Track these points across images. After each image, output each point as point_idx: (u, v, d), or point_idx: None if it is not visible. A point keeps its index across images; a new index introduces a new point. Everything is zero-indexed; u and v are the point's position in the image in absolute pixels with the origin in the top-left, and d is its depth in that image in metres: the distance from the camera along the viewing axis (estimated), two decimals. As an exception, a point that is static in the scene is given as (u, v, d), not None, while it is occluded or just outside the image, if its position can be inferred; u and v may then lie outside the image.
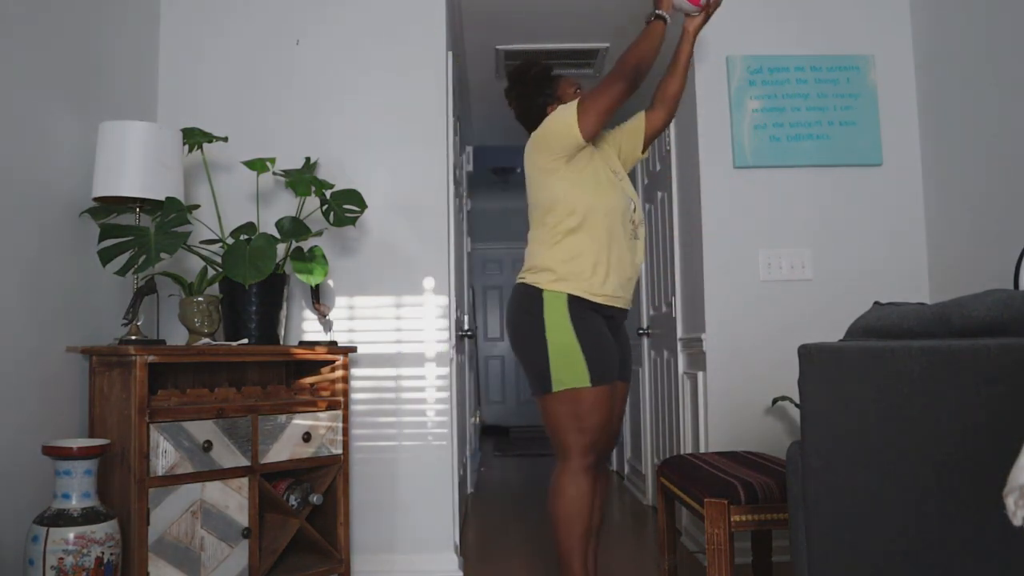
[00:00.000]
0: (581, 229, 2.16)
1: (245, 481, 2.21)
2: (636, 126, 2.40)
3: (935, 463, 1.19)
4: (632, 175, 4.47)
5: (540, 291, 2.15)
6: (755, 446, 2.94)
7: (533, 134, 2.27)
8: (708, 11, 2.36)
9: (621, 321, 2.29)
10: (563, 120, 2.16)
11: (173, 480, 2.07)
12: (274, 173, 2.69)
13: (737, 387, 2.96)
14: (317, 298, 2.66)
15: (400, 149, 2.90)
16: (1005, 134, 2.53)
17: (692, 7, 2.33)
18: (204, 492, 2.13)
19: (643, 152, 2.43)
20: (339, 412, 2.48)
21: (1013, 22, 2.47)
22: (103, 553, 1.85)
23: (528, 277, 2.20)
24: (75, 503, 1.86)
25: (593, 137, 2.18)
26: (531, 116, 2.37)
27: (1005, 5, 2.50)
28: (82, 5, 2.32)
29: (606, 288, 2.16)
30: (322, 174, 2.81)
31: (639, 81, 2.13)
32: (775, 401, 2.88)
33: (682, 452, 3.26)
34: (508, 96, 2.42)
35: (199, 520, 2.11)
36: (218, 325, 2.46)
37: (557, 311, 2.12)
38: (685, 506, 2.28)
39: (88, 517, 1.85)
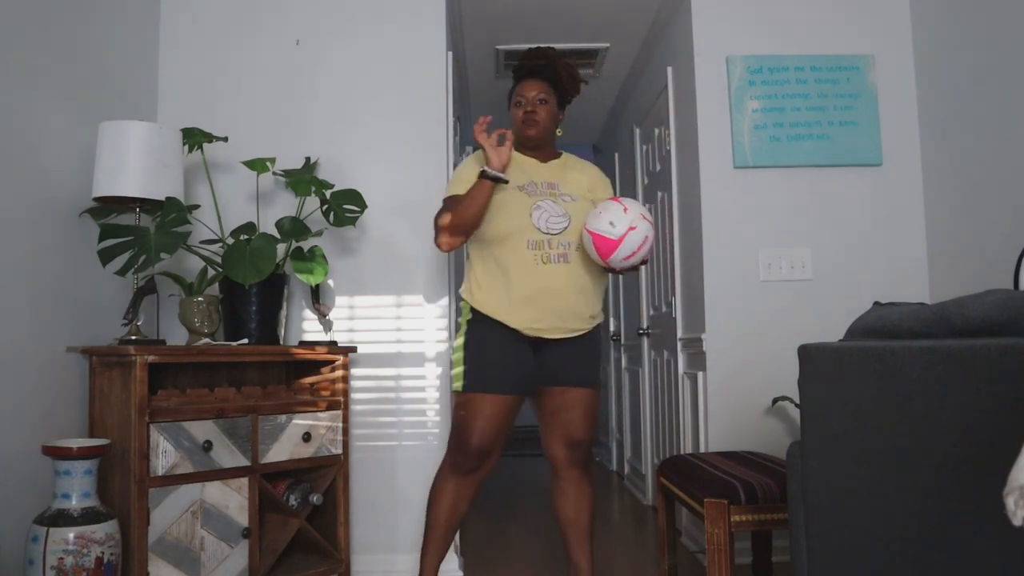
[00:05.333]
0: (481, 253, 2.24)
1: (245, 481, 2.21)
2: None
3: (935, 463, 1.19)
4: (632, 176, 4.47)
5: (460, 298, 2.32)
6: (755, 446, 2.94)
7: None
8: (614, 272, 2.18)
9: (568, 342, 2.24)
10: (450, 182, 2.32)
11: (173, 480, 2.07)
12: (274, 173, 2.69)
13: (737, 387, 2.96)
14: (317, 298, 2.66)
15: (400, 149, 2.90)
16: (1005, 134, 2.53)
17: (599, 260, 2.12)
18: (204, 492, 2.13)
19: None
20: (339, 412, 2.48)
21: (1013, 22, 2.47)
22: (103, 553, 1.85)
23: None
24: (75, 503, 1.86)
25: None
26: None
27: (1005, 5, 2.50)
28: (82, 5, 2.32)
29: (510, 315, 2.17)
30: (322, 174, 2.81)
31: (454, 234, 2.19)
32: (775, 401, 2.88)
33: (682, 452, 3.26)
34: None
35: (199, 520, 2.11)
36: (218, 325, 2.46)
37: (464, 319, 2.26)
38: (685, 506, 2.28)
39: (88, 517, 1.85)
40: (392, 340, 2.86)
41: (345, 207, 2.61)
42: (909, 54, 3.09)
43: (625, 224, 2.05)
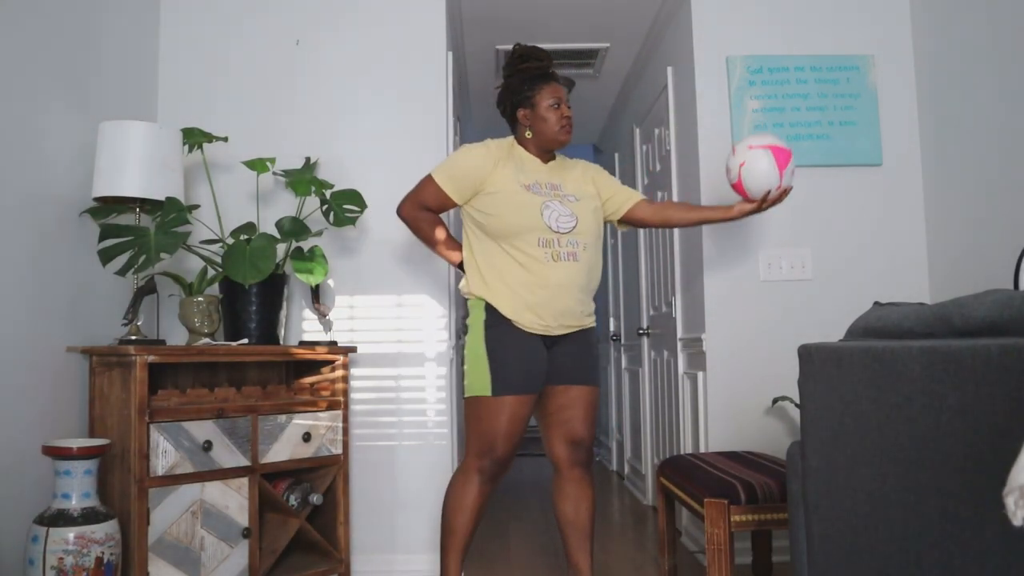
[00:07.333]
0: (488, 249, 2.22)
1: (245, 481, 2.21)
2: (623, 199, 2.38)
3: (935, 463, 1.19)
4: (632, 176, 4.47)
5: (467, 298, 2.27)
6: (755, 446, 2.94)
7: None
8: (763, 205, 2.26)
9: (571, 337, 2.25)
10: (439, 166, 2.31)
11: (173, 480, 2.07)
12: (274, 173, 2.69)
13: (737, 387, 2.96)
14: (317, 298, 2.66)
15: (400, 149, 2.90)
16: (1005, 134, 2.53)
17: (772, 175, 2.15)
18: (204, 492, 2.13)
19: (619, 224, 2.43)
20: (339, 412, 2.48)
21: (1013, 22, 2.47)
22: (103, 553, 1.85)
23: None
24: (75, 503, 1.86)
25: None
26: (504, 110, 2.35)
27: (1005, 5, 2.50)
28: (82, 5, 2.32)
29: (523, 313, 2.17)
30: (322, 174, 2.81)
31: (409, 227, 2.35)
32: (775, 401, 2.88)
33: (682, 452, 3.26)
34: (504, 74, 2.35)
35: (199, 520, 2.11)
36: (218, 325, 2.46)
37: (477, 318, 2.21)
38: (685, 506, 2.28)
39: (88, 517, 1.85)
40: (392, 340, 2.86)
41: (345, 207, 2.61)
42: (909, 54, 3.09)
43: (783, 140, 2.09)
